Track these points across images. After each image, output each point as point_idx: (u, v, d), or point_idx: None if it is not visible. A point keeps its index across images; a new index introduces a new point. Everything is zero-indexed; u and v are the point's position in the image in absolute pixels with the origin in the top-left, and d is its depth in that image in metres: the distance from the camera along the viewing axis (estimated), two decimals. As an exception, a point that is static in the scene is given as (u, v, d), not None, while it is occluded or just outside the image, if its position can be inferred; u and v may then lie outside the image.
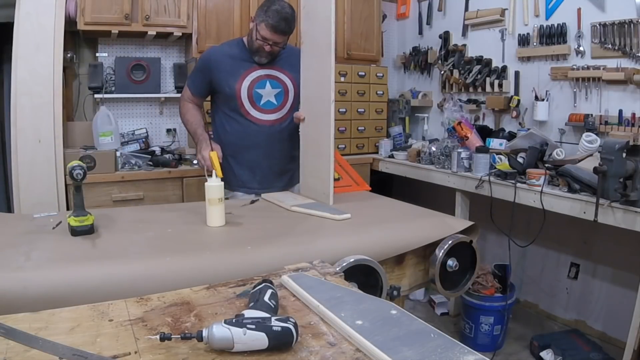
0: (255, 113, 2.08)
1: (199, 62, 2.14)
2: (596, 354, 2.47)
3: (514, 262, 2.91)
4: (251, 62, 2.06)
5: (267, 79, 2.07)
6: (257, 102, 2.07)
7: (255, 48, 2.01)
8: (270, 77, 2.08)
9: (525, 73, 3.02)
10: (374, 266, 1.30)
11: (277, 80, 2.09)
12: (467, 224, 1.61)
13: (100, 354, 0.73)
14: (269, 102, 2.08)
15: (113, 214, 1.71)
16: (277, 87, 2.09)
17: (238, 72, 2.05)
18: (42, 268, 1.10)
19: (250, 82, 2.05)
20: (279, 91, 2.09)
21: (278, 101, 2.09)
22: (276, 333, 0.75)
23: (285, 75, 2.10)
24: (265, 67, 2.07)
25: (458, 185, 2.84)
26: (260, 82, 2.06)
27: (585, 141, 2.42)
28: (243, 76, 2.05)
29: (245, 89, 2.04)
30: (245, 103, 2.06)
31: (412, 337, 0.80)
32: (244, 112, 2.07)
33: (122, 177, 2.68)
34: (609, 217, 2.05)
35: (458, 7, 3.47)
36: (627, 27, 2.42)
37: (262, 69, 2.07)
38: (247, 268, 1.17)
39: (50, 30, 2.44)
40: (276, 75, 2.09)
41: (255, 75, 2.06)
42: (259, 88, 2.06)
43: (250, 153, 2.09)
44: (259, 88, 2.06)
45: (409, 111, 3.77)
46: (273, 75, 2.09)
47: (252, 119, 2.07)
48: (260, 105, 2.08)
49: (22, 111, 2.39)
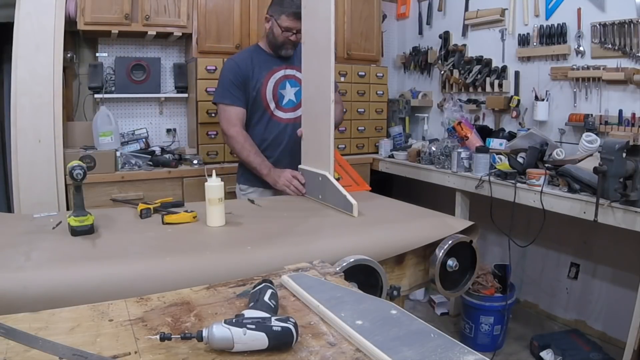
0: (279, 113, 2.17)
1: (228, 73, 2.12)
2: (596, 354, 2.47)
3: (514, 262, 2.91)
4: (271, 65, 2.14)
5: (286, 79, 2.16)
6: (280, 103, 2.16)
7: (281, 43, 2.07)
8: (288, 77, 2.17)
9: (525, 73, 3.02)
10: (374, 266, 1.30)
11: (294, 79, 2.17)
12: (467, 224, 1.60)
13: (100, 354, 0.73)
14: (290, 101, 2.18)
15: (113, 214, 1.71)
16: (295, 86, 2.17)
17: (262, 74, 2.12)
18: (42, 268, 1.10)
19: (274, 83, 2.14)
20: (298, 89, 2.15)
21: (297, 99, 2.16)
22: (276, 333, 0.75)
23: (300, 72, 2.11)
24: (283, 67, 2.15)
25: (458, 185, 2.84)
26: (282, 83, 2.15)
27: (585, 141, 2.42)
28: (267, 78, 2.13)
29: (270, 90, 2.13)
30: (271, 104, 2.15)
31: (412, 337, 0.80)
32: (269, 112, 2.16)
33: (122, 177, 2.69)
34: (609, 217, 2.05)
35: (458, 7, 3.47)
36: (627, 27, 2.42)
37: (281, 70, 2.15)
38: (247, 268, 1.17)
39: (50, 30, 2.44)
40: (292, 75, 2.17)
41: (278, 76, 2.15)
42: (281, 89, 2.16)
43: (274, 151, 2.16)
44: (282, 89, 2.16)
45: (409, 111, 3.77)
46: (290, 75, 2.17)
47: (277, 119, 2.17)
48: (282, 105, 2.17)
49: (22, 111, 2.39)
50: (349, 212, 1.63)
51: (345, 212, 1.65)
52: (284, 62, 2.17)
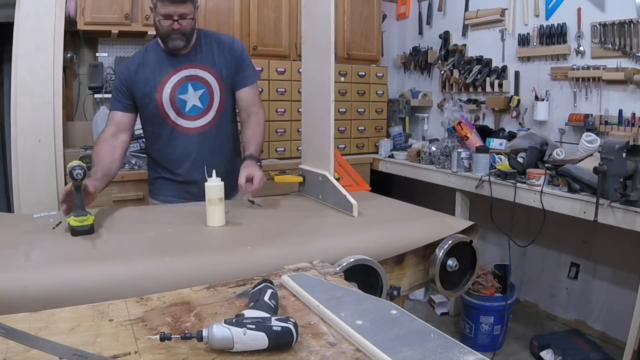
0: (182, 122, 1.84)
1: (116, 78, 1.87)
2: (596, 354, 2.47)
3: (514, 262, 2.91)
4: (167, 66, 1.81)
5: (188, 81, 1.82)
6: (183, 110, 1.83)
7: (165, 33, 1.74)
8: (190, 78, 1.82)
9: (525, 73, 3.02)
10: (374, 266, 1.30)
11: (198, 80, 1.83)
12: (467, 224, 1.60)
13: (100, 354, 0.73)
14: (194, 106, 1.84)
15: (113, 214, 1.71)
16: (200, 88, 1.83)
17: (155, 80, 1.79)
18: (42, 268, 1.10)
19: (171, 89, 1.80)
20: (203, 92, 1.84)
21: (203, 103, 1.85)
22: (276, 333, 0.75)
23: (206, 72, 1.84)
24: (182, 66, 1.81)
25: (458, 185, 2.84)
26: (181, 87, 1.81)
27: (585, 141, 2.42)
28: (162, 85, 1.80)
29: (167, 99, 1.80)
30: (170, 114, 1.82)
31: (412, 337, 0.80)
32: (170, 123, 1.83)
33: (122, 177, 2.68)
34: (609, 217, 2.05)
35: (458, 7, 3.48)
36: (627, 27, 2.42)
37: (180, 70, 1.81)
38: (247, 268, 1.17)
39: (50, 30, 2.43)
40: (196, 75, 1.83)
41: (175, 80, 1.80)
42: (181, 94, 1.81)
43: (182, 168, 1.86)
44: (182, 93, 1.82)
45: (409, 111, 3.77)
46: (193, 76, 1.83)
47: (181, 129, 1.84)
48: (186, 112, 1.83)
49: (22, 111, 2.39)
50: (349, 212, 1.63)
51: (345, 212, 1.65)
52: (184, 60, 1.82)
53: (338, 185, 1.71)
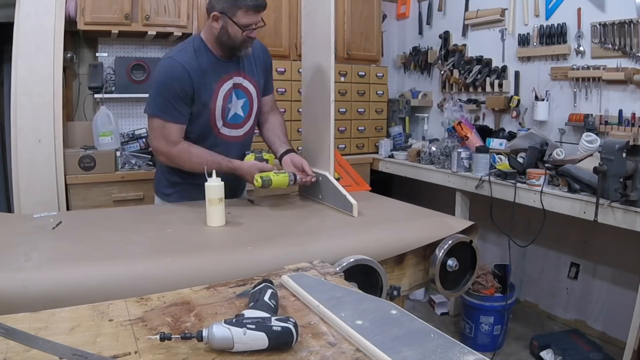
0: (225, 130, 1.81)
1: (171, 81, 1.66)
2: (596, 354, 2.47)
3: (514, 262, 2.91)
4: (220, 72, 1.75)
5: (234, 89, 1.79)
6: (226, 118, 1.80)
7: (240, 42, 1.68)
8: (236, 87, 1.79)
9: (525, 73, 3.02)
10: (374, 266, 1.30)
11: (242, 89, 1.81)
12: (467, 224, 1.60)
13: (100, 354, 0.73)
14: (235, 115, 1.82)
15: (113, 214, 1.71)
16: (242, 97, 1.82)
17: (211, 86, 1.72)
18: (42, 268, 1.10)
19: (223, 97, 1.76)
20: (245, 101, 1.83)
21: (244, 112, 1.84)
22: (276, 333, 0.75)
23: (249, 81, 1.82)
24: (233, 74, 1.77)
25: (458, 185, 2.84)
26: (230, 96, 1.79)
27: (585, 141, 2.42)
28: (216, 91, 1.74)
29: (219, 106, 1.76)
30: (218, 122, 1.78)
31: (412, 337, 0.80)
32: (215, 131, 1.79)
33: (122, 177, 2.68)
34: (609, 217, 2.05)
35: (458, 7, 3.47)
36: (627, 27, 2.42)
37: (231, 79, 1.77)
38: (247, 268, 1.17)
39: (50, 30, 2.44)
40: (240, 83, 1.80)
41: (227, 87, 1.77)
42: (229, 102, 1.79)
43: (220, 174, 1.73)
44: (229, 102, 1.79)
45: (409, 111, 3.77)
46: (239, 84, 1.80)
47: (223, 137, 1.81)
48: (228, 120, 1.81)
49: (22, 111, 2.39)
50: (349, 212, 1.63)
51: (345, 212, 1.65)
52: (233, 67, 1.77)
53: (338, 185, 1.71)
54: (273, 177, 1.64)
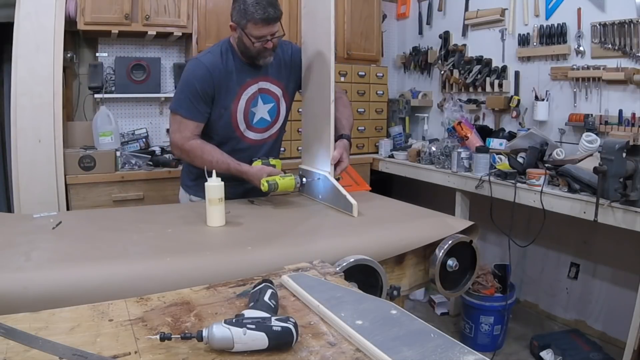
0: (249, 134, 1.85)
1: (194, 80, 1.72)
2: (596, 354, 2.47)
3: (514, 262, 2.91)
4: (245, 76, 1.78)
5: (260, 94, 1.83)
6: (251, 122, 1.84)
7: (257, 52, 1.71)
8: (262, 90, 1.83)
9: (525, 73, 3.02)
10: (374, 266, 1.30)
11: (268, 93, 1.84)
12: (467, 224, 1.60)
13: (100, 354, 0.73)
14: (262, 119, 1.85)
15: (113, 214, 1.71)
16: (269, 102, 1.85)
17: (234, 89, 1.76)
18: (42, 268, 1.10)
19: (246, 101, 1.79)
20: (272, 106, 1.86)
21: (271, 117, 1.88)
22: (276, 333, 0.75)
23: (277, 86, 1.86)
24: (258, 78, 1.80)
25: (458, 185, 2.84)
26: (254, 100, 1.82)
27: (585, 141, 2.42)
28: (239, 94, 1.78)
29: (241, 108, 1.79)
30: (241, 125, 1.82)
31: (412, 337, 0.80)
32: (239, 134, 1.83)
33: (122, 177, 2.69)
34: (609, 217, 2.05)
35: (458, 7, 3.47)
36: (627, 27, 2.42)
37: (256, 83, 1.80)
38: (247, 268, 1.17)
39: (50, 30, 2.44)
40: (267, 88, 1.84)
41: (251, 91, 1.80)
42: (253, 106, 1.82)
43: None
44: (253, 106, 1.82)
45: (409, 111, 3.77)
46: (265, 89, 1.83)
47: (247, 140, 1.86)
48: (253, 125, 1.84)
49: (22, 111, 2.39)
50: (349, 212, 1.63)
51: (345, 212, 1.65)
52: (259, 72, 1.80)
53: (338, 185, 1.71)
54: (279, 181, 1.68)
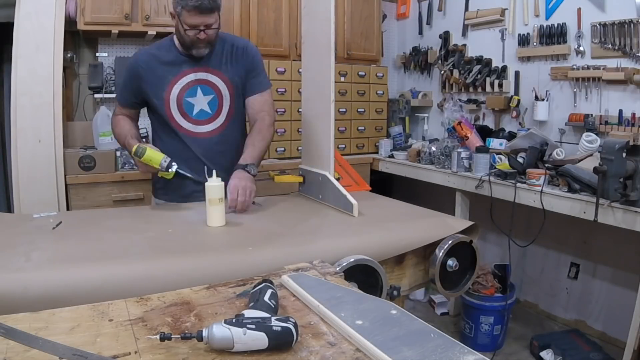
0: (187, 125, 1.82)
1: (127, 70, 1.83)
2: (596, 354, 2.47)
3: (514, 262, 2.91)
4: (179, 67, 1.78)
5: (198, 84, 1.80)
6: (190, 113, 1.80)
7: (190, 42, 1.70)
8: (201, 82, 1.80)
9: (525, 73, 3.02)
10: (374, 266, 1.30)
11: (208, 84, 1.81)
12: (467, 224, 1.60)
13: (100, 354, 0.73)
14: (202, 111, 1.82)
15: (113, 214, 1.71)
16: (209, 94, 1.81)
17: (166, 79, 1.77)
18: (42, 268, 1.10)
19: (179, 90, 1.78)
20: (212, 98, 1.82)
21: (212, 109, 1.83)
22: (276, 333, 0.75)
23: (218, 77, 1.82)
24: (196, 68, 1.79)
25: (458, 185, 2.84)
26: (190, 90, 1.79)
27: (585, 141, 2.42)
28: (172, 84, 1.77)
29: (174, 98, 1.78)
30: (175, 115, 1.80)
31: (412, 337, 0.80)
32: (174, 124, 1.81)
33: (122, 177, 2.69)
34: (609, 217, 2.05)
35: (458, 7, 3.48)
36: (627, 27, 2.42)
37: (192, 73, 1.79)
38: (247, 268, 1.17)
39: (50, 30, 2.44)
40: (208, 79, 1.81)
41: (186, 81, 1.78)
42: (189, 96, 1.79)
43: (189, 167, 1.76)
44: (190, 96, 1.79)
45: (409, 111, 3.77)
46: (204, 80, 1.80)
47: (185, 132, 1.82)
48: (192, 116, 1.81)
49: (22, 111, 2.39)
50: (349, 212, 1.63)
51: (345, 212, 1.65)
52: (197, 63, 1.78)
53: (338, 185, 1.71)
54: (149, 150, 1.65)
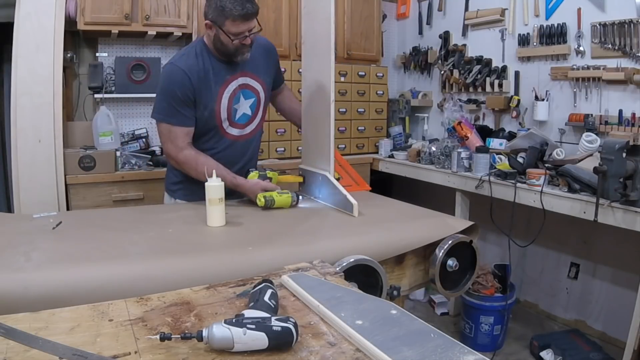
0: (232, 130, 1.85)
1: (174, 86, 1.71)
2: (596, 354, 2.47)
3: (514, 262, 2.91)
4: (224, 74, 1.78)
5: (240, 90, 1.83)
6: (233, 118, 1.84)
7: (235, 49, 1.71)
8: (242, 87, 1.83)
9: (525, 73, 3.02)
10: (374, 266, 1.30)
11: (248, 88, 1.85)
12: (467, 224, 1.60)
13: (100, 354, 0.73)
14: (244, 115, 1.87)
15: (113, 214, 1.71)
16: (250, 97, 1.86)
17: (213, 89, 1.76)
18: (43, 268, 1.10)
19: (227, 99, 1.80)
20: (253, 101, 1.87)
21: (252, 111, 1.89)
22: (276, 333, 0.75)
23: (256, 80, 1.86)
24: (238, 74, 1.81)
25: (458, 185, 2.84)
26: (235, 97, 1.82)
27: (585, 141, 2.42)
28: (220, 93, 1.78)
29: (224, 108, 1.80)
30: (224, 123, 1.83)
31: (412, 337, 0.80)
32: (222, 131, 1.83)
33: (122, 177, 2.69)
34: (609, 217, 2.05)
35: (458, 7, 3.47)
36: (627, 27, 2.42)
37: (234, 80, 1.80)
38: (247, 268, 1.17)
39: (50, 30, 2.44)
40: (247, 84, 1.84)
41: (231, 89, 1.80)
42: (235, 103, 1.83)
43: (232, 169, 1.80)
44: (235, 103, 1.83)
45: (409, 111, 3.77)
46: (245, 84, 1.84)
47: (229, 137, 1.86)
48: (236, 121, 1.85)
49: (22, 111, 2.39)
50: (349, 212, 1.63)
51: (345, 212, 1.65)
52: (234, 68, 1.79)
53: (338, 185, 1.71)
54: (276, 198, 1.72)
